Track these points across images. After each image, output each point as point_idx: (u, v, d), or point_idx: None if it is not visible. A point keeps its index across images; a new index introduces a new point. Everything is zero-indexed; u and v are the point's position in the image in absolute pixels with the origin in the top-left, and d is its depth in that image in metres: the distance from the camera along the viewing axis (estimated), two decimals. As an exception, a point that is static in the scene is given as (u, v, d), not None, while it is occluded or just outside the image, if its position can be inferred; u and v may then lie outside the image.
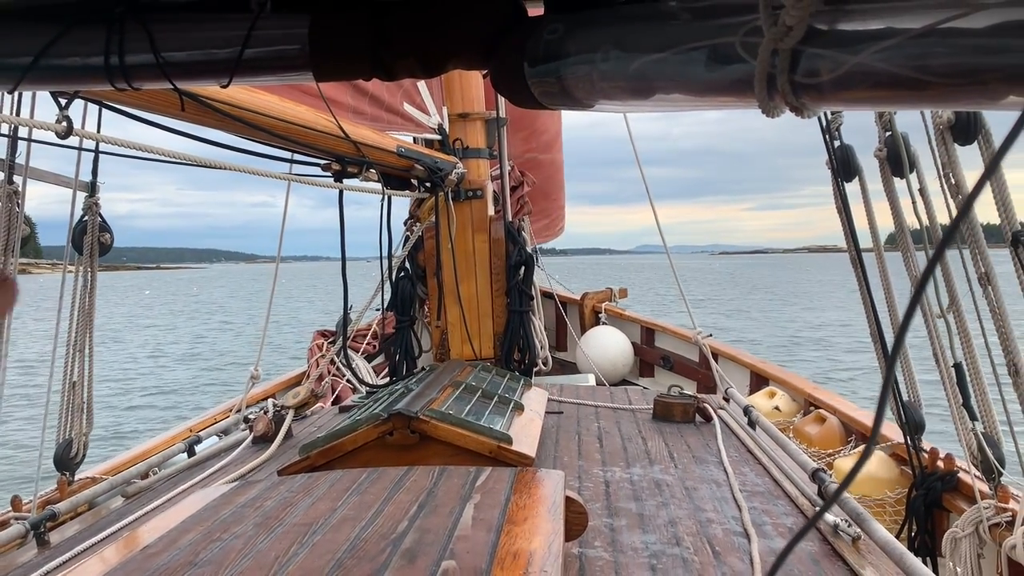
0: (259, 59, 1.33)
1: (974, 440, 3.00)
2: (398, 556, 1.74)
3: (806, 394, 5.09)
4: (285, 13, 1.34)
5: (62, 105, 2.68)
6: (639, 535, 2.49)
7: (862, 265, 3.27)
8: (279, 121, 3.38)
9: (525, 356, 5.40)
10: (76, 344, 3.66)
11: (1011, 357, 2.78)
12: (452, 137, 5.43)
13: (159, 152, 3.02)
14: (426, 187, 5.06)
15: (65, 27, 1.36)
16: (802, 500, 2.85)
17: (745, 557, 2.34)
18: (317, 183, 4.06)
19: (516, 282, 5.39)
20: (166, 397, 15.51)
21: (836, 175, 3.32)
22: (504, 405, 3.45)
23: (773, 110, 0.82)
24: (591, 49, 1.07)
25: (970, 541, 2.92)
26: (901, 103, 0.76)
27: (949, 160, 2.86)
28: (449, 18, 1.26)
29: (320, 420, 4.56)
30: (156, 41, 1.34)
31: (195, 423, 4.79)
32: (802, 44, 0.76)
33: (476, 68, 1.32)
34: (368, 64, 1.29)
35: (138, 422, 12.71)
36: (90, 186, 3.69)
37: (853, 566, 2.30)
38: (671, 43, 0.94)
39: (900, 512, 3.49)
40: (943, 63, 0.65)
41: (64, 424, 3.66)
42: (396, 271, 5.43)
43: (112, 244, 3.78)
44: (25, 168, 3.30)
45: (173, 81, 1.39)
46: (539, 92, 1.18)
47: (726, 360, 6.15)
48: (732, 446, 3.61)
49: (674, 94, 0.98)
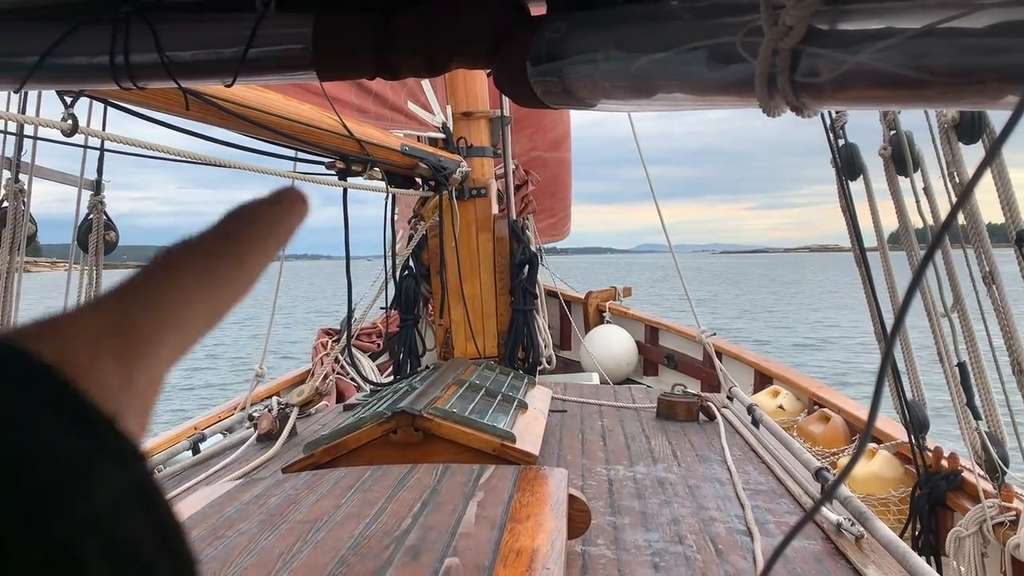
0: (263, 58, 1.34)
1: (978, 439, 2.99)
2: (402, 553, 1.75)
3: (810, 393, 5.08)
4: (289, 12, 1.35)
5: (67, 103, 2.69)
6: (642, 533, 2.49)
7: (866, 264, 3.27)
8: (283, 119, 3.39)
9: (529, 355, 5.40)
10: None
11: (1015, 356, 2.77)
12: (456, 135, 5.43)
13: (164, 150, 3.03)
14: (430, 186, 5.07)
15: (71, 27, 1.37)
16: (805, 499, 2.86)
17: (748, 555, 2.35)
18: (322, 181, 4.07)
19: (520, 281, 5.39)
20: (168, 395, 15.56)
21: (840, 174, 3.32)
22: (508, 403, 3.46)
23: (774, 110, 0.83)
24: (593, 48, 1.08)
25: (974, 540, 2.92)
26: (901, 103, 0.77)
27: (953, 159, 2.86)
28: (453, 17, 1.26)
29: (324, 418, 4.57)
30: (161, 40, 1.34)
31: (199, 421, 4.80)
32: (802, 44, 0.76)
33: (479, 67, 1.32)
34: (372, 63, 1.30)
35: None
36: (95, 184, 3.70)
37: (856, 565, 2.30)
38: (672, 43, 0.94)
39: (904, 511, 3.49)
40: (942, 63, 0.66)
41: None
42: (400, 270, 5.44)
43: (117, 242, 3.80)
44: (31, 166, 3.32)
45: (178, 80, 1.39)
46: (541, 91, 1.18)
47: (730, 359, 6.15)
48: (736, 445, 3.61)
49: (676, 94, 0.98)
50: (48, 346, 0.25)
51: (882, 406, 2.88)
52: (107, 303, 0.28)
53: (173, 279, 0.30)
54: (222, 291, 0.32)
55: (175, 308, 0.30)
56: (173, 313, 0.29)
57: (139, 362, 0.27)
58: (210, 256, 0.32)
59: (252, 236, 0.33)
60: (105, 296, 0.29)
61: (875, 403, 0.55)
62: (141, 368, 0.27)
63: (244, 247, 0.33)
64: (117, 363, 0.27)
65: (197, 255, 0.31)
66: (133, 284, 0.30)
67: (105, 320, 0.28)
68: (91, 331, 0.27)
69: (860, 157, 3.32)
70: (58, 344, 0.25)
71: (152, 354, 0.28)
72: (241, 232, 0.33)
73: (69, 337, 0.26)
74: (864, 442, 0.66)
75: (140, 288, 0.29)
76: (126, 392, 0.26)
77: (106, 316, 0.28)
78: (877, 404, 0.55)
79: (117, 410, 0.25)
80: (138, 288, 0.29)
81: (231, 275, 0.32)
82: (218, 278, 0.31)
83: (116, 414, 0.24)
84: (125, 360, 0.27)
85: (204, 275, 0.31)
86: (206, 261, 0.31)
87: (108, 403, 0.25)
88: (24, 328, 0.26)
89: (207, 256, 0.32)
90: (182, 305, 0.30)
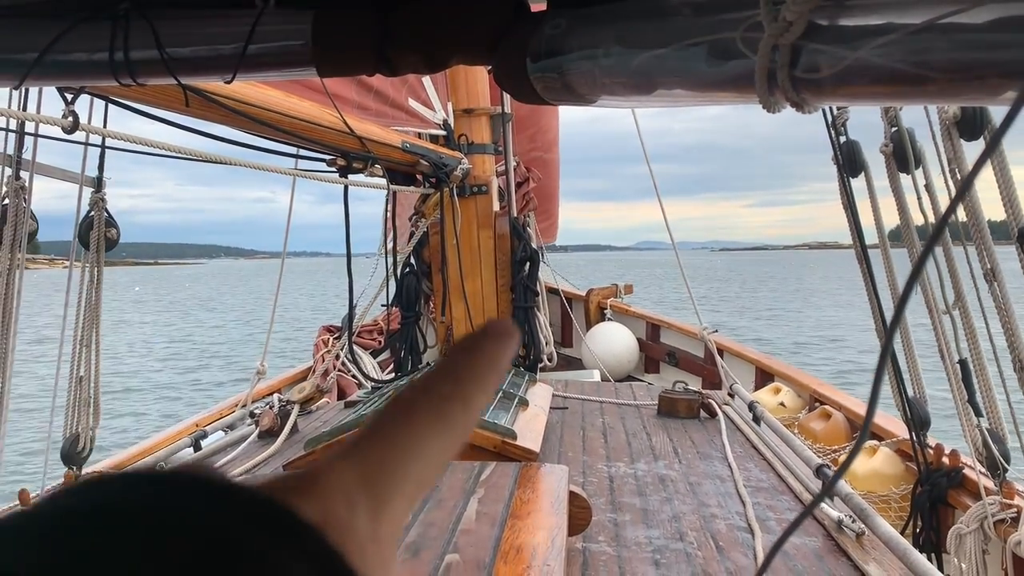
0: (263, 55, 1.34)
1: (979, 436, 2.99)
2: (402, 549, 1.75)
3: (811, 390, 5.08)
4: (289, 8, 1.34)
5: (68, 100, 2.69)
6: (643, 530, 2.49)
7: (868, 261, 3.27)
8: (284, 116, 3.38)
9: (530, 352, 5.40)
10: (83, 339, 3.67)
11: (1016, 353, 2.77)
12: (457, 133, 5.43)
13: (165, 147, 3.03)
14: (431, 183, 5.07)
15: (70, 23, 1.37)
16: (806, 496, 2.86)
17: (749, 552, 2.35)
18: (323, 178, 4.07)
19: (521, 278, 5.39)
20: (162, 391, 15.57)
21: (842, 171, 3.31)
22: (509, 400, 3.46)
23: (774, 106, 0.82)
24: (593, 45, 1.07)
25: (975, 537, 2.91)
26: (901, 99, 0.76)
27: (955, 155, 2.85)
28: (452, 13, 1.26)
29: (325, 415, 4.57)
30: (160, 37, 1.34)
31: (201, 417, 4.80)
32: (802, 39, 0.76)
33: (479, 63, 1.32)
34: (371, 60, 1.30)
35: (140, 418, 12.76)
36: (96, 181, 3.70)
37: (857, 562, 2.30)
38: (672, 38, 0.94)
39: (905, 508, 3.49)
40: (942, 58, 0.65)
41: (71, 418, 3.67)
42: (402, 267, 5.44)
43: (119, 239, 3.79)
44: (32, 163, 3.31)
45: (177, 77, 1.39)
46: (541, 88, 1.18)
47: (731, 356, 6.15)
48: (737, 442, 3.61)
49: (676, 90, 0.98)
50: (309, 504, 0.25)
51: (884, 404, 2.88)
52: (357, 453, 0.29)
53: (412, 425, 0.30)
54: (454, 435, 0.31)
55: (415, 456, 0.30)
56: (414, 461, 0.29)
57: (386, 516, 0.28)
58: (442, 400, 0.31)
59: (476, 376, 0.33)
60: (354, 445, 0.29)
61: (873, 396, 0.55)
62: (387, 521, 0.28)
63: (470, 388, 0.32)
64: (369, 519, 0.27)
65: (431, 399, 0.31)
66: (376, 431, 0.30)
67: (359, 474, 0.28)
68: (347, 488, 0.27)
69: (862, 154, 3.31)
70: (319, 503, 0.25)
71: (397, 506, 0.28)
72: (466, 373, 0.33)
73: (328, 494, 0.26)
74: (863, 435, 0.66)
75: (384, 436, 0.29)
76: (373, 547, 0.27)
77: (359, 469, 0.28)
78: (876, 397, 0.55)
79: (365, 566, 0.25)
80: (382, 436, 0.29)
81: (459, 418, 0.31)
82: (450, 422, 0.31)
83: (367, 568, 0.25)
84: (376, 515, 0.27)
85: (438, 420, 0.31)
86: (440, 405, 0.31)
87: (360, 561, 0.25)
88: (282, 481, 0.26)
89: (440, 400, 0.31)
90: (420, 451, 0.30)
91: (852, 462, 0.60)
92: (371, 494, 0.27)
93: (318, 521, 0.23)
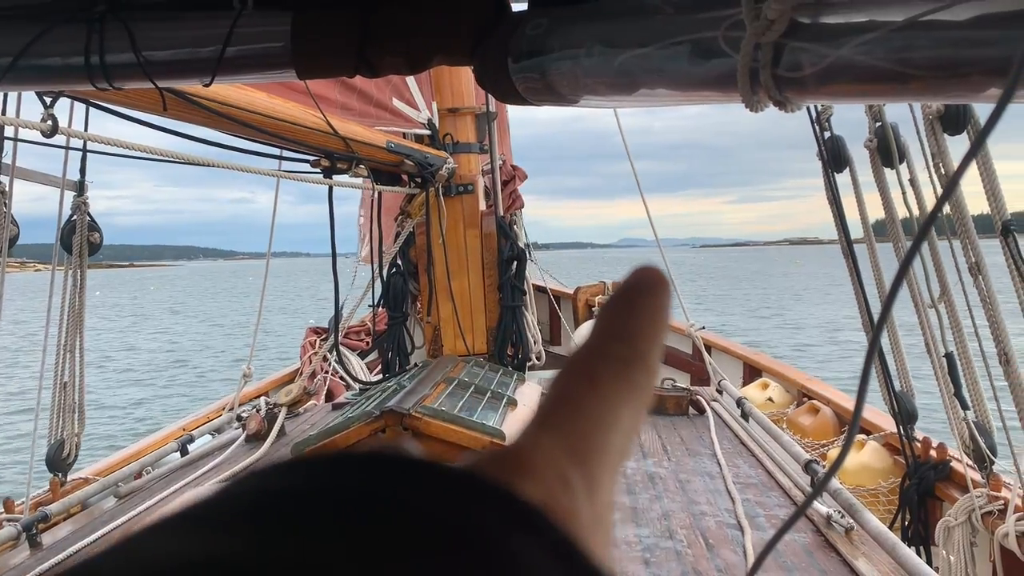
0: (241, 57, 1.32)
1: (966, 429, 3.00)
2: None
3: (799, 385, 5.09)
4: (267, 11, 1.33)
5: (47, 104, 2.66)
6: (632, 528, 2.49)
7: (853, 255, 3.28)
8: (267, 118, 3.36)
9: (518, 351, 5.38)
10: (67, 344, 3.64)
11: (1002, 346, 2.78)
12: (442, 132, 5.40)
13: (147, 150, 3.00)
14: (417, 182, 5.04)
15: (45, 27, 1.35)
16: (795, 491, 2.86)
17: (739, 549, 2.35)
18: (306, 179, 4.04)
19: (509, 277, 5.37)
20: (146, 390, 15.46)
21: (827, 166, 3.32)
22: (497, 400, 3.45)
23: (757, 105, 0.82)
24: (575, 44, 1.06)
25: (963, 530, 2.93)
26: (884, 96, 0.76)
27: (939, 150, 2.86)
28: (432, 14, 1.25)
29: (313, 418, 4.55)
30: (137, 40, 1.32)
31: (188, 422, 4.77)
32: (784, 38, 0.75)
33: (460, 64, 1.31)
34: (351, 61, 1.28)
35: (126, 421, 12.67)
36: (78, 185, 3.66)
37: (846, 557, 2.30)
38: (654, 38, 0.93)
39: (893, 502, 3.50)
40: (924, 56, 0.65)
41: (56, 425, 3.64)
42: (388, 267, 5.42)
43: (101, 243, 3.76)
44: (12, 167, 3.27)
45: (155, 80, 1.37)
46: (523, 88, 1.17)
47: (719, 352, 6.16)
48: (725, 438, 3.61)
49: (658, 89, 0.97)
50: (528, 487, 0.23)
51: (871, 397, 2.87)
52: (555, 424, 0.26)
53: (600, 394, 0.28)
54: (642, 399, 0.29)
55: (612, 426, 0.27)
56: (613, 432, 0.27)
57: (599, 490, 0.25)
58: (624, 364, 0.29)
59: (645, 333, 0.30)
60: (548, 415, 0.27)
61: (861, 392, 0.54)
62: (600, 495, 0.25)
63: (644, 346, 0.30)
64: (587, 497, 0.25)
65: (611, 364, 0.29)
66: (566, 402, 0.27)
67: (565, 448, 0.25)
68: (558, 464, 0.25)
69: (846, 149, 3.32)
70: (540, 486, 0.23)
71: (607, 483, 0.26)
72: (636, 331, 0.30)
73: (542, 473, 0.24)
74: (852, 434, 0.65)
75: (577, 408, 0.27)
76: (594, 526, 0.24)
77: (565, 443, 0.26)
78: (863, 392, 0.54)
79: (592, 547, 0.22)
80: (575, 408, 0.27)
81: (643, 380, 0.29)
82: (636, 386, 0.29)
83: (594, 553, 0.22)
84: (590, 492, 0.25)
85: (626, 385, 0.28)
86: (622, 370, 0.29)
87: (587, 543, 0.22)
88: (486, 460, 0.24)
89: (622, 365, 0.29)
90: (616, 421, 0.28)
91: (843, 461, 0.59)
92: (583, 472, 0.25)
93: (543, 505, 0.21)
